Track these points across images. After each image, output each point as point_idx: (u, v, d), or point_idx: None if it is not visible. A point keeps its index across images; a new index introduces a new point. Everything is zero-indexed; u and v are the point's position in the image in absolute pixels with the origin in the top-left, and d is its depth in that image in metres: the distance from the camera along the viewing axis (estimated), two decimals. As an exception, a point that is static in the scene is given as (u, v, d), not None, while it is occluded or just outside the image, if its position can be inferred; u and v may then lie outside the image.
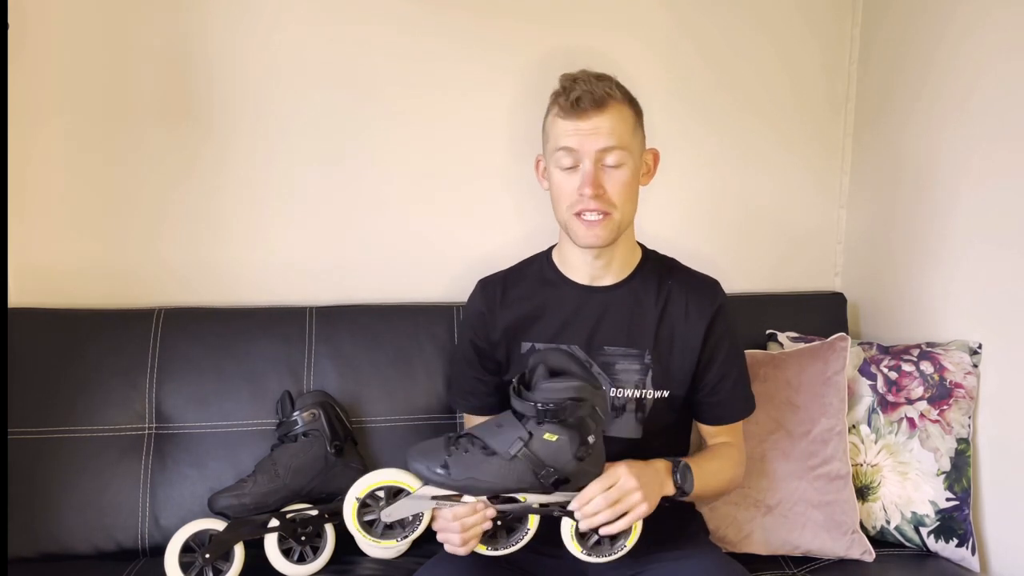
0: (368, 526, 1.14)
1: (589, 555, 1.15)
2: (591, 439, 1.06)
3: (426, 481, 1.09)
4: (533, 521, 1.15)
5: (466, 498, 1.09)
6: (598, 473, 1.10)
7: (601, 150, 1.18)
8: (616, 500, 1.09)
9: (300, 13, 1.57)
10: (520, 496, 1.11)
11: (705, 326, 1.28)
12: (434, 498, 1.10)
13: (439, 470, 1.07)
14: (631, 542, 1.14)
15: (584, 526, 1.11)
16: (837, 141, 1.82)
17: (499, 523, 1.14)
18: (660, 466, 1.18)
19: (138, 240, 1.57)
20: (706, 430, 1.34)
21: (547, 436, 1.05)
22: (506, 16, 1.63)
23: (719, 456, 1.30)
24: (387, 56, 1.61)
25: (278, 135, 1.59)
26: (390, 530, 1.14)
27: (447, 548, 1.13)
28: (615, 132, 1.18)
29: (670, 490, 1.17)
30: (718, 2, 1.71)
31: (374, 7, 1.59)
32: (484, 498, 1.09)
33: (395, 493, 1.12)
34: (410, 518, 1.13)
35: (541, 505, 1.11)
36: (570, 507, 1.11)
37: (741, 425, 1.35)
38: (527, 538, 1.16)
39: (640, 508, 1.10)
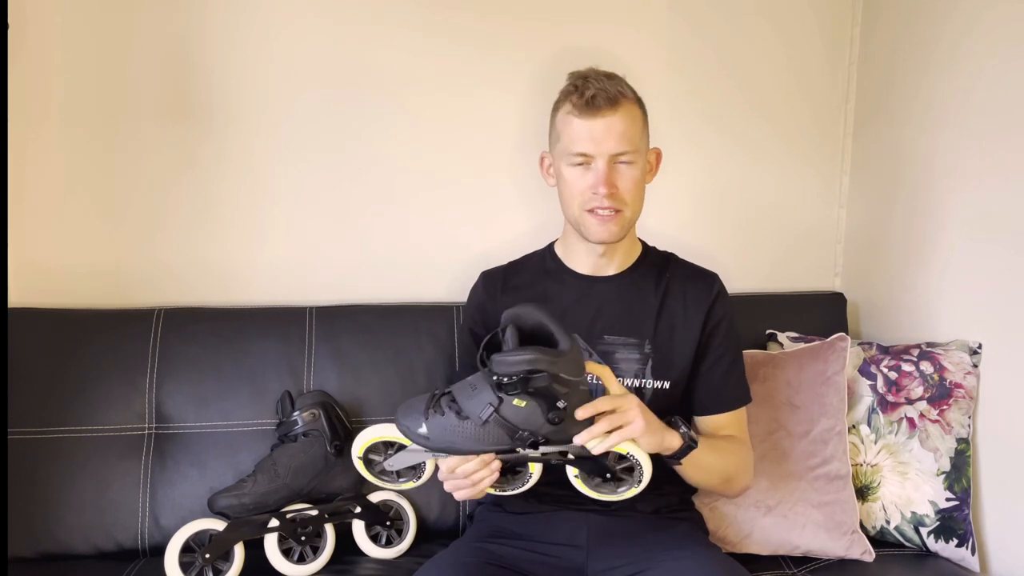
0: (383, 475, 1.16)
1: (595, 492, 1.14)
2: (561, 404, 1.04)
3: (411, 440, 1.09)
4: (534, 466, 1.14)
5: None
6: (580, 431, 1.08)
7: (614, 154, 1.20)
8: (612, 420, 1.08)
9: (300, 9, 1.57)
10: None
11: (704, 314, 1.29)
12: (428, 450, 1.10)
13: (419, 431, 1.07)
14: (633, 492, 1.13)
15: (578, 440, 1.08)
16: (837, 141, 1.82)
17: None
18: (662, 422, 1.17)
19: (138, 240, 1.57)
20: (708, 426, 1.34)
21: (516, 402, 1.03)
22: (509, 13, 1.63)
23: (723, 439, 1.29)
24: (388, 53, 1.61)
25: (278, 134, 1.59)
26: (403, 475, 1.17)
27: (456, 495, 1.13)
28: (627, 132, 1.20)
29: (675, 441, 1.15)
30: (721, 2, 1.71)
31: (375, 3, 1.59)
32: None
33: (395, 445, 1.14)
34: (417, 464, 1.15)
35: (542, 454, 1.10)
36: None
37: (746, 424, 1.34)
38: (533, 479, 1.15)
39: (633, 426, 1.08)
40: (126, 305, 1.53)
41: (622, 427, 1.08)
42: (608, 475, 1.12)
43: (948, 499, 1.41)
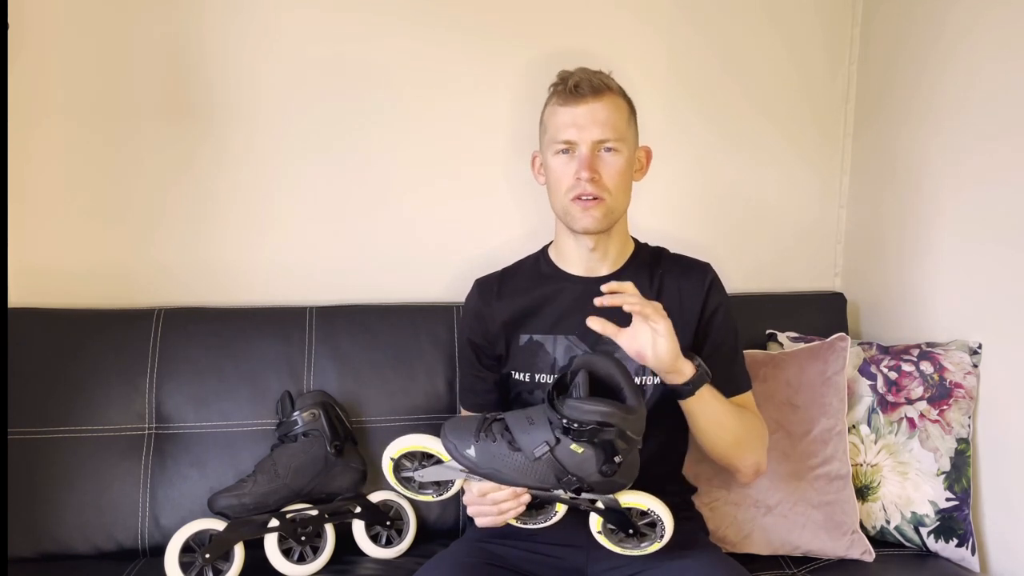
0: (406, 482, 1.16)
1: (619, 547, 1.14)
2: (618, 459, 1.04)
3: (454, 459, 1.10)
4: (562, 506, 1.15)
5: None
6: (624, 486, 1.09)
7: (597, 140, 1.21)
8: (646, 306, 1.10)
9: (297, 8, 1.57)
10: None
11: (699, 306, 1.29)
12: (464, 470, 1.11)
13: (467, 452, 1.08)
14: (656, 547, 1.13)
15: (608, 291, 1.10)
16: (837, 141, 1.82)
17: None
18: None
19: (138, 240, 1.57)
20: None
21: (573, 447, 1.03)
22: (509, 10, 1.63)
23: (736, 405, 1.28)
24: (386, 51, 1.61)
25: (277, 133, 1.59)
26: (425, 487, 1.17)
27: (477, 522, 1.13)
28: (611, 120, 1.22)
29: (688, 368, 1.15)
30: (721, 2, 1.72)
31: (374, 1, 1.59)
32: None
33: (430, 456, 1.14)
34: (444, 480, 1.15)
35: (570, 497, 1.11)
36: (603, 287, 1.10)
37: (754, 405, 1.32)
38: (556, 519, 1.15)
39: (662, 324, 1.10)
40: (126, 305, 1.52)
41: (652, 316, 1.10)
42: (631, 530, 1.13)
43: (948, 499, 1.41)
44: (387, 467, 1.16)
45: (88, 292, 1.55)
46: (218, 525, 1.30)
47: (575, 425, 1.01)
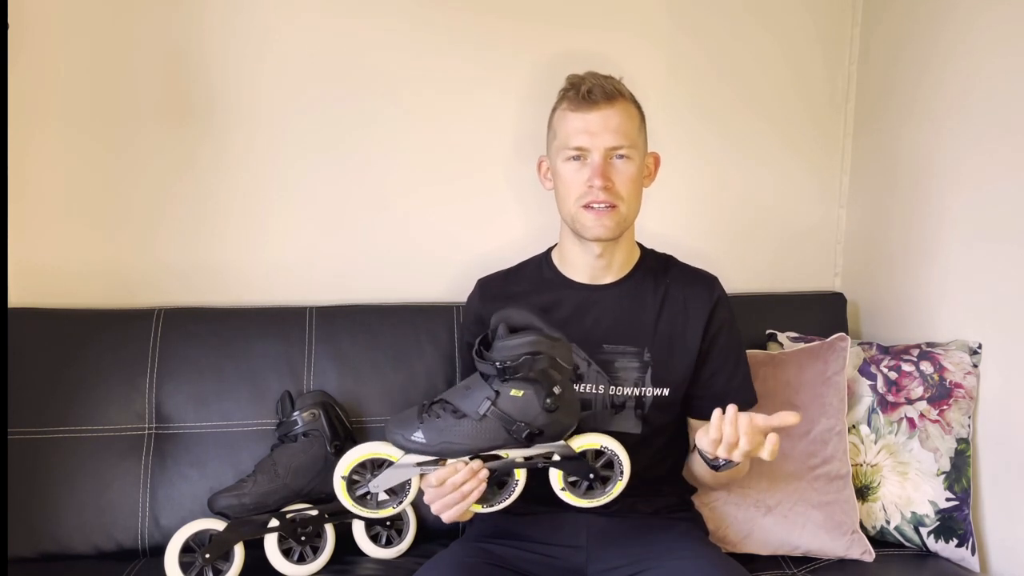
0: (363, 500, 1.16)
1: (585, 500, 1.16)
2: (557, 390, 1.08)
3: (404, 450, 1.11)
4: (520, 473, 1.15)
5: (448, 461, 1.11)
6: (572, 423, 1.12)
7: (610, 148, 1.21)
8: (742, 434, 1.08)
9: (298, 9, 1.57)
10: (502, 452, 1.12)
11: (704, 321, 1.28)
12: (418, 464, 1.12)
13: (414, 437, 1.10)
14: (620, 487, 1.15)
15: (726, 451, 1.09)
16: (837, 141, 1.82)
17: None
18: None
19: (138, 240, 1.57)
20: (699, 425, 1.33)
21: (513, 392, 1.07)
22: (509, 13, 1.63)
23: None
24: (387, 52, 1.61)
25: (278, 133, 1.59)
26: (384, 500, 1.17)
27: (444, 517, 1.12)
28: (623, 127, 1.21)
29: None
30: (721, 3, 1.71)
31: (373, 1, 1.59)
32: (466, 457, 1.10)
33: (381, 464, 1.14)
34: (400, 486, 1.15)
35: (525, 459, 1.13)
36: (710, 436, 1.10)
37: None
38: (518, 490, 1.16)
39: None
40: (126, 305, 1.53)
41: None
42: (591, 476, 1.15)
43: (948, 499, 1.41)
44: (340, 487, 1.14)
45: (88, 292, 1.55)
46: (218, 525, 1.30)
47: (508, 363, 1.05)
